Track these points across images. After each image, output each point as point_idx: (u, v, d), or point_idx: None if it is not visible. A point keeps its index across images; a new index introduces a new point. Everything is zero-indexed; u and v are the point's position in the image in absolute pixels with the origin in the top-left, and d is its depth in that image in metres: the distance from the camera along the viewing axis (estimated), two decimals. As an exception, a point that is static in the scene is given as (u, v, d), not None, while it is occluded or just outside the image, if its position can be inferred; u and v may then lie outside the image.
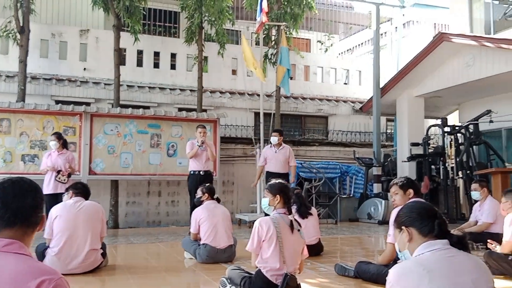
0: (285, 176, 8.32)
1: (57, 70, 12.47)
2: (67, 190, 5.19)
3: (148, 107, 11.79)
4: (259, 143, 9.97)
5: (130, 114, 10.09)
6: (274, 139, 8.53)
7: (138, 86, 12.86)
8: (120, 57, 11.17)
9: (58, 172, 7.56)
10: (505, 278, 4.57)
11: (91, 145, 9.73)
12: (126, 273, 5.00)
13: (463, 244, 2.04)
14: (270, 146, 8.64)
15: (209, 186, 5.92)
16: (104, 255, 5.08)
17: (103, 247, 5.11)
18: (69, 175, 7.66)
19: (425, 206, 2.22)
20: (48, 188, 7.49)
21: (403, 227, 2.15)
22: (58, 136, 7.82)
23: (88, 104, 11.37)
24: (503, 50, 8.98)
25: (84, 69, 12.86)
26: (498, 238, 5.01)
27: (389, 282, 1.99)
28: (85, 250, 4.76)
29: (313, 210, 6.25)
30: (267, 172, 8.59)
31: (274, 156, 8.51)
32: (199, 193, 5.80)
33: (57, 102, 11.13)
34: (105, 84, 12.42)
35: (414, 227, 2.13)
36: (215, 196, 5.78)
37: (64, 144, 7.89)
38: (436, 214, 2.14)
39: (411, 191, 4.31)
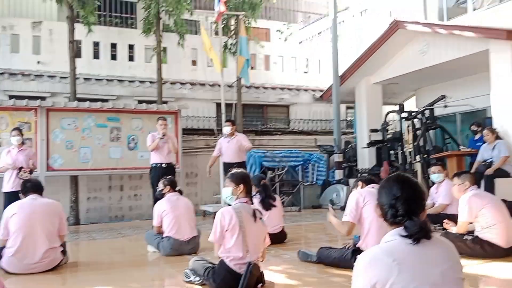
0: (240, 164, 8.37)
1: (10, 64, 12.05)
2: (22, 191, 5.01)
3: (106, 100, 11.57)
4: (222, 133, 9.94)
5: (88, 108, 9.87)
6: (227, 129, 8.61)
7: (96, 79, 12.59)
8: (75, 49, 10.88)
9: (20, 169, 7.32)
10: (461, 257, 4.69)
11: (48, 141, 9.48)
12: (88, 269, 4.92)
13: (425, 231, 1.93)
14: (224, 137, 8.69)
15: (170, 178, 5.88)
16: (64, 252, 4.97)
17: (63, 244, 4.99)
18: (30, 172, 7.45)
19: (385, 188, 2.05)
20: (8, 185, 7.25)
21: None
22: (21, 131, 7.60)
23: (43, 98, 11.05)
24: (455, 36, 9.24)
25: (38, 62, 12.50)
26: (454, 219, 5.17)
27: (357, 269, 1.93)
28: (43, 248, 4.63)
29: (278, 200, 6.27)
30: (224, 163, 8.65)
31: (227, 146, 8.58)
32: (160, 186, 5.76)
33: (11, 97, 10.77)
34: (60, 77, 12.10)
35: (379, 209, 2.07)
36: (177, 188, 5.74)
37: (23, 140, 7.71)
38: (393, 202, 1.98)
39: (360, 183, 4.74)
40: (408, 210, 1.96)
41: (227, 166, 8.01)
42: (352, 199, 4.43)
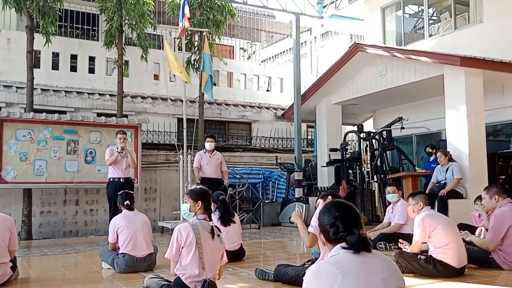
0: (218, 181, 8.53)
1: (-37, 72, 11.64)
2: None
3: (64, 112, 11.31)
4: (182, 149, 9.88)
5: (44, 119, 9.63)
6: (210, 144, 8.75)
7: (54, 90, 12.30)
8: (33, 60, 10.61)
9: None
10: (415, 276, 4.83)
11: (1, 152, 9.18)
12: (39, 286, 4.74)
13: (364, 243, 2.11)
14: (204, 152, 8.80)
15: (120, 197, 5.68)
16: (14, 268, 4.77)
17: (13, 260, 4.80)
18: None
19: (325, 213, 2.25)
20: None
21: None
22: None
23: (-2, 108, 10.73)
24: (412, 60, 9.56)
25: (-6, 71, 12.12)
26: (409, 238, 5.28)
27: (305, 281, 2.08)
28: (-8, 264, 4.45)
29: (236, 217, 6.26)
30: (201, 177, 8.69)
31: (208, 161, 8.69)
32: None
33: (-37, 106, 10.39)
34: (17, 87, 11.77)
35: (322, 234, 2.27)
36: (125, 203, 5.55)
37: None
38: (333, 220, 2.17)
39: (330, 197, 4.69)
40: (347, 225, 2.15)
41: (204, 181, 8.09)
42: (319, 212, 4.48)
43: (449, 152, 8.67)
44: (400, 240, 5.31)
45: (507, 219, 5.01)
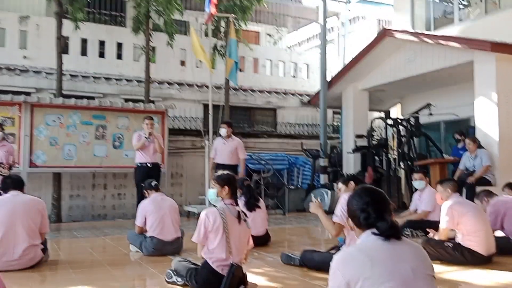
0: (232, 167, 8.42)
1: (-5, 58, 11.91)
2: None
3: (93, 98, 11.49)
4: (208, 135, 9.94)
5: (73, 105, 9.80)
6: (222, 131, 8.60)
7: (82, 76, 12.50)
8: (62, 45, 10.79)
9: None
10: (442, 263, 4.79)
11: (31, 137, 9.38)
12: (68, 268, 4.87)
13: (395, 230, 2.09)
14: (220, 138, 8.72)
15: (147, 183, 5.80)
16: (44, 250, 4.91)
17: (44, 242, 4.94)
18: (10, 168, 7.34)
19: (355, 197, 2.23)
20: None
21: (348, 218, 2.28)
22: (1, 127, 7.49)
23: (28, 94, 10.97)
24: (441, 46, 9.36)
25: (24, 57, 12.36)
26: (436, 225, 5.24)
27: (332, 268, 2.05)
28: (24, 245, 4.56)
29: (261, 202, 6.29)
30: (216, 163, 8.64)
31: (222, 147, 8.59)
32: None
33: (-5, 91, 10.63)
34: (46, 73, 11.99)
35: (351, 219, 2.24)
36: (153, 183, 5.68)
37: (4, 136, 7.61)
38: (364, 206, 2.15)
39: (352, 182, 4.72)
40: (378, 212, 2.13)
41: (219, 167, 8.05)
42: (344, 200, 4.46)
43: (477, 139, 8.50)
44: (428, 229, 5.27)
45: (502, 205, 5.37)
